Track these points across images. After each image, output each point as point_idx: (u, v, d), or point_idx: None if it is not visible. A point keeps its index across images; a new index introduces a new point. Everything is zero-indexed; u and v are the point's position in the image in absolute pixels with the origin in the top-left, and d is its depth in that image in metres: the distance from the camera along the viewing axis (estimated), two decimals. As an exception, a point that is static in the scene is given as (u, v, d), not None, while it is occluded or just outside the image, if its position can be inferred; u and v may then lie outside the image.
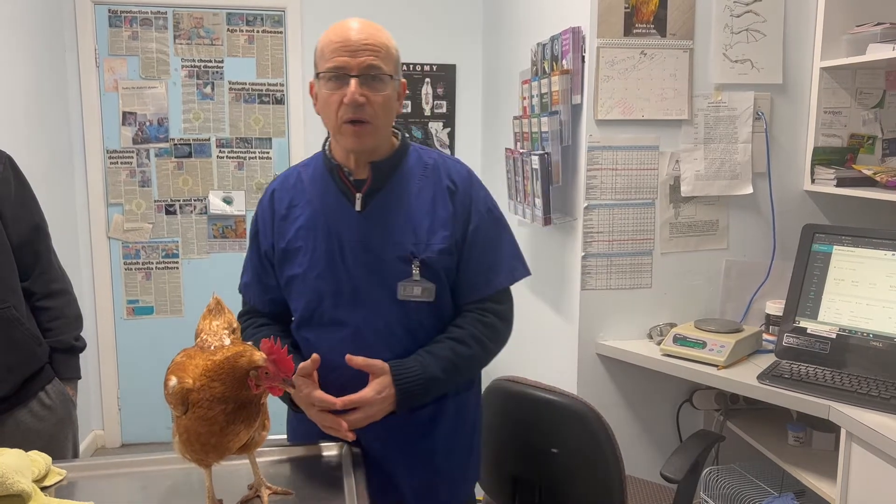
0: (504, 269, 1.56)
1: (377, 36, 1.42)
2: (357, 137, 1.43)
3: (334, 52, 1.40)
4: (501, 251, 1.56)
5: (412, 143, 1.59)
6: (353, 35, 1.40)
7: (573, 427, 1.78)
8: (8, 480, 1.16)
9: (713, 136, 2.36)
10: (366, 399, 1.40)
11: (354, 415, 1.41)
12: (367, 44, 1.40)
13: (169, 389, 1.18)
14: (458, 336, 1.49)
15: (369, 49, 1.40)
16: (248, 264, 1.63)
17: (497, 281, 1.54)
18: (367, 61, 1.39)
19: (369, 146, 1.46)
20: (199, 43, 3.73)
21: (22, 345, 1.68)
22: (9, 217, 1.71)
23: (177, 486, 1.35)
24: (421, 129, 3.93)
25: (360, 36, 1.40)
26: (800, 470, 2.01)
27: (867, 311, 2.05)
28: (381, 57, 1.41)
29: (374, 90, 1.41)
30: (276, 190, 1.57)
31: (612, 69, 2.28)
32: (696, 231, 2.41)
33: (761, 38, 2.35)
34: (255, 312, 1.62)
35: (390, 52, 1.44)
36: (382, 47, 1.42)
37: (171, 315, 3.87)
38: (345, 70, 1.39)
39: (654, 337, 2.36)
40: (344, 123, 1.42)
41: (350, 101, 1.38)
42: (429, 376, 1.43)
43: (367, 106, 1.40)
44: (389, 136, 1.53)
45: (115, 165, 3.74)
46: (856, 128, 2.41)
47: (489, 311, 1.53)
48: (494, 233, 1.55)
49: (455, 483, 1.60)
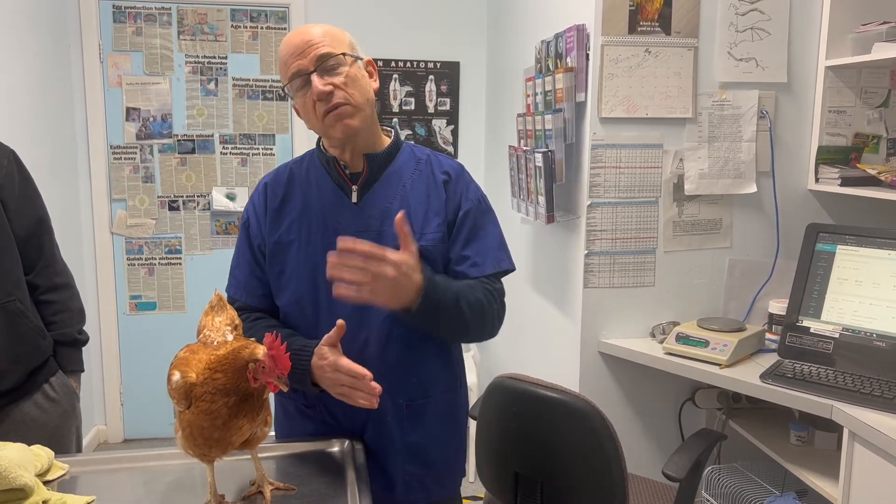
0: (490, 257, 1.55)
1: (318, 30, 1.47)
2: (340, 121, 1.45)
3: (288, 62, 1.45)
4: (487, 241, 1.56)
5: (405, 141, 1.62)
6: (298, 39, 1.46)
7: (575, 425, 1.78)
8: (10, 474, 1.17)
9: (717, 135, 2.36)
10: (402, 259, 1.31)
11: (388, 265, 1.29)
12: (310, 39, 1.45)
13: (172, 384, 1.18)
14: (470, 284, 1.49)
15: (314, 43, 1.44)
16: (241, 262, 1.61)
17: (483, 267, 1.54)
18: (316, 53, 1.44)
19: (356, 127, 1.47)
20: (203, 39, 3.73)
21: (27, 338, 1.69)
22: (13, 210, 1.72)
23: (179, 481, 1.36)
24: (424, 127, 3.93)
25: (304, 37, 1.45)
26: (802, 469, 2.01)
27: (870, 310, 2.04)
28: (327, 43, 1.45)
29: (335, 74, 1.45)
30: (269, 184, 1.59)
31: (616, 67, 2.27)
32: (700, 230, 2.41)
33: (766, 37, 2.34)
34: (247, 308, 1.60)
35: (336, 36, 1.48)
36: (326, 36, 1.46)
37: (173, 311, 3.88)
38: (302, 71, 1.44)
39: (656, 335, 2.36)
40: (325, 117, 1.45)
41: (318, 94, 1.42)
42: (451, 288, 1.42)
43: (336, 91, 1.44)
44: (375, 119, 1.54)
45: (118, 161, 3.74)
46: (860, 127, 2.41)
47: (488, 285, 1.53)
48: (482, 222, 1.57)
49: (444, 476, 1.63)
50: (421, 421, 1.56)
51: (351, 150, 1.51)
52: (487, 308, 1.50)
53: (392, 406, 1.52)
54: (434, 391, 1.57)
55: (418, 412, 1.55)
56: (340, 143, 1.50)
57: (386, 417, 1.52)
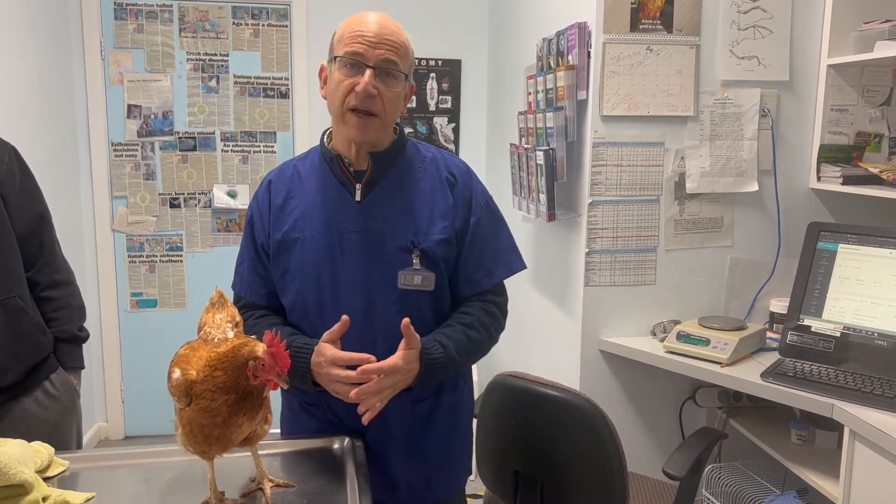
0: (502, 262, 1.57)
1: (398, 34, 1.44)
2: (361, 129, 1.44)
3: (354, 38, 1.41)
4: (500, 245, 1.58)
5: (410, 138, 1.60)
6: (376, 27, 1.41)
7: (575, 423, 1.77)
8: (10, 471, 1.16)
9: (719, 133, 2.35)
10: (396, 367, 1.39)
11: (383, 381, 1.38)
12: (388, 39, 1.41)
13: (173, 381, 1.18)
14: (469, 322, 1.51)
15: (389, 44, 1.41)
16: (244, 259, 1.61)
17: (496, 274, 1.56)
18: (385, 55, 1.41)
19: (371, 139, 1.47)
20: (205, 36, 3.73)
21: (27, 334, 1.69)
22: (14, 207, 1.72)
23: (179, 478, 1.35)
24: (425, 125, 3.92)
25: (382, 30, 1.42)
26: (803, 468, 2.01)
27: (872, 309, 2.04)
28: (399, 54, 1.43)
29: (387, 85, 1.42)
30: (273, 181, 1.58)
31: (617, 65, 2.27)
32: (701, 228, 2.40)
33: (768, 35, 2.34)
34: (252, 306, 1.60)
35: (408, 52, 1.46)
36: (401, 45, 1.44)
37: (174, 308, 3.88)
38: (362, 58, 1.40)
39: (657, 334, 2.35)
40: (349, 111, 1.43)
41: (363, 91, 1.39)
42: (449, 357, 1.45)
43: (378, 99, 1.41)
44: (391, 131, 1.54)
45: (119, 158, 3.74)
46: (862, 125, 2.40)
47: (491, 303, 1.56)
48: (493, 227, 1.57)
49: (448, 477, 1.62)
50: (425, 420, 1.55)
51: (357, 147, 1.50)
52: (486, 341, 1.56)
53: (396, 405, 1.51)
54: (439, 391, 1.57)
55: (423, 412, 1.55)
56: (348, 139, 1.49)
57: (390, 417, 1.51)
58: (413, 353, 1.42)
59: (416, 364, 1.42)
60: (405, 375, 1.41)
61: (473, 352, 1.52)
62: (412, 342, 1.41)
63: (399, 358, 1.40)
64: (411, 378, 1.43)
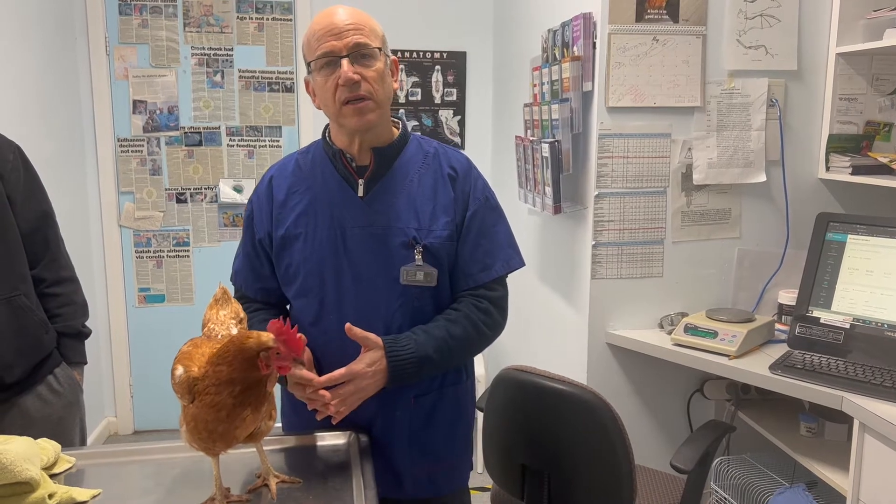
0: (500, 258, 1.56)
1: (359, 16, 1.46)
2: (359, 115, 1.44)
3: (320, 39, 1.43)
4: (497, 240, 1.56)
5: (412, 132, 1.60)
6: (334, 19, 1.43)
7: (582, 417, 1.77)
8: (16, 468, 1.17)
9: (726, 124, 2.33)
10: (356, 372, 1.40)
11: (345, 388, 1.40)
12: (350, 24, 1.43)
13: (175, 379, 1.18)
14: (454, 318, 1.50)
15: (353, 28, 1.43)
16: (241, 251, 1.64)
17: (493, 269, 1.54)
18: (353, 40, 1.42)
19: (372, 123, 1.46)
20: (209, 31, 3.72)
21: (31, 331, 1.70)
22: (18, 205, 1.73)
23: (185, 474, 1.36)
24: (431, 117, 3.91)
25: (343, 19, 1.43)
26: (812, 461, 1.99)
27: (881, 300, 2.02)
28: (365, 34, 1.44)
29: (366, 66, 1.43)
30: (275, 176, 1.57)
31: (623, 56, 2.25)
32: (709, 220, 2.39)
33: (776, 24, 2.31)
34: (247, 299, 1.62)
35: (374, 29, 1.47)
36: (366, 25, 1.45)
37: (182, 303, 3.89)
38: (334, 53, 1.42)
39: (664, 326, 2.34)
40: (344, 105, 1.43)
41: (345, 81, 1.40)
42: (422, 354, 1.44)
43: (363, 82, 1.42)
44: (389, 117, 1.54)
45: (125, 154, 3.75)
46: (872, 115, 2.38)
47: (483, 298, 1.54)
48: (491, 221, 1.56)
49: (452, 471, 1.62)
50: (429, 415, 1.55)
51: (359, 142, 1.50)
52: (475, 337, 1.52)
53: (400, 400, 1.51)
54: (442, 384, 1.57)
55: (426, 406, 1.55)
56: (351, 133, 1.48)
57: (394, 411, 1.52)
58: (375, 353, 1.42)
59: (381, 364, 1.41)
60: (372, 378, 1.41)
61: (456, 349, 1.49)
62: (368, 342, 1.41)
63: (358, 362, 1.40)
64: (381, 378, 1.42)
